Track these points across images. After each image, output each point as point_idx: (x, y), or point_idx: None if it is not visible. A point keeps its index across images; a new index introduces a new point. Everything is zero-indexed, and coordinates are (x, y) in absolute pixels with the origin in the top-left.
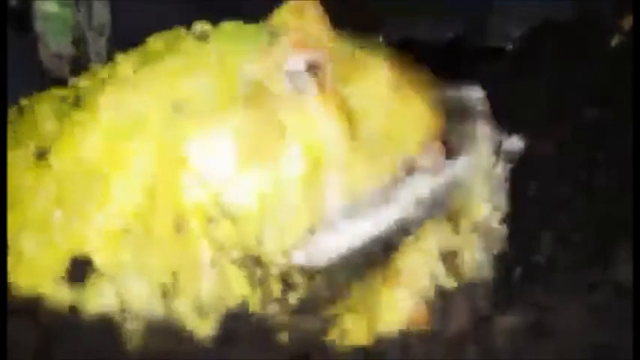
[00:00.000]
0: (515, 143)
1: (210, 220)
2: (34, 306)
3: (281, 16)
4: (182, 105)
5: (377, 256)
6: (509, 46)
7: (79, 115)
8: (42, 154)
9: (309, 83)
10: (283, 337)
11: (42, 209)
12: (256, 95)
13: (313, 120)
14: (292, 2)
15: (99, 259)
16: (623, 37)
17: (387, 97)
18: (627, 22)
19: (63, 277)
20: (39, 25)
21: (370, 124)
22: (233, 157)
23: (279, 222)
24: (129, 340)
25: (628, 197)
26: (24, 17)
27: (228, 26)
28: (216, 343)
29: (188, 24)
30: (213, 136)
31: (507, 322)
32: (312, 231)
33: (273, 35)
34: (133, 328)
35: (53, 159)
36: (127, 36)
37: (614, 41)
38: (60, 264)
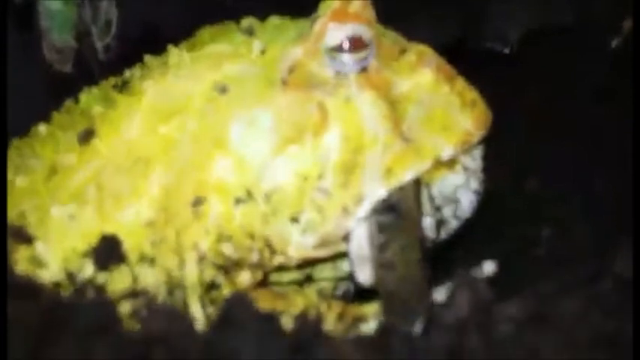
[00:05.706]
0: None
1: (237, 200)
2: (35, 289)
3: (325, 6)
4: (224, 87)
5: None
6: (507, 50)
7: (124, 99)
8: (87, 137)
9: (351, 61)
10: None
11: (81, 185)
12: (298, 78)
13: (354, 103)
14: None
15: (127, 244)
16: (623, 39)
17: (433, 85)
18: (627, 24)
19: (89, 254)
20: (43, 22)
21: (413, 112)
22: (272, 138)
23: (315, 204)
24: (131, 323)
25: (627, 195)
26: (28, 14)
27: (274, 21)
28: (217, 329)
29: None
30: (253, 118)
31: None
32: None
33: (315, 19)
34: (137, 311)
35: (98, 141)
36: (135, 31)
37: (614, 43)
38: (88, 240)
